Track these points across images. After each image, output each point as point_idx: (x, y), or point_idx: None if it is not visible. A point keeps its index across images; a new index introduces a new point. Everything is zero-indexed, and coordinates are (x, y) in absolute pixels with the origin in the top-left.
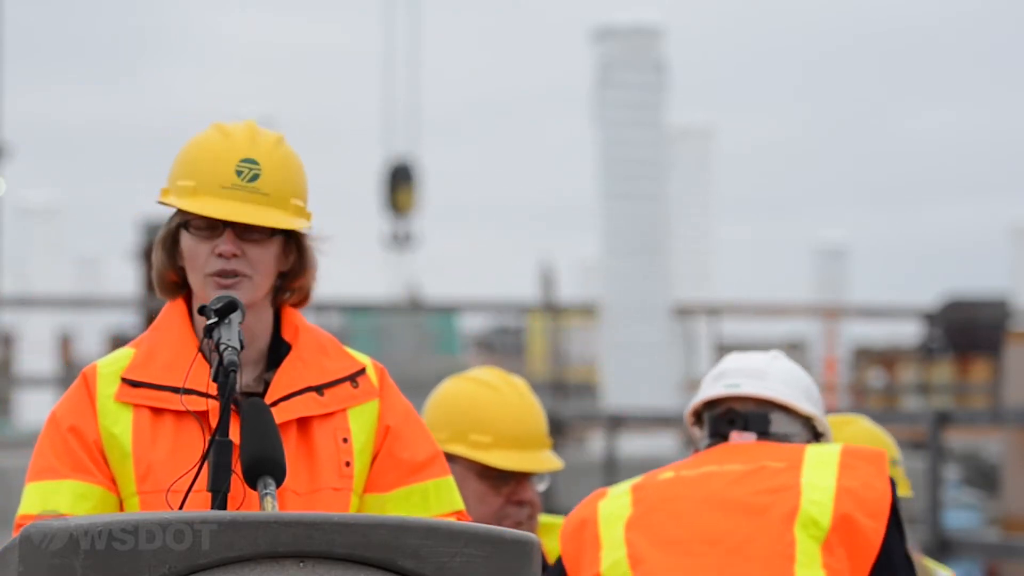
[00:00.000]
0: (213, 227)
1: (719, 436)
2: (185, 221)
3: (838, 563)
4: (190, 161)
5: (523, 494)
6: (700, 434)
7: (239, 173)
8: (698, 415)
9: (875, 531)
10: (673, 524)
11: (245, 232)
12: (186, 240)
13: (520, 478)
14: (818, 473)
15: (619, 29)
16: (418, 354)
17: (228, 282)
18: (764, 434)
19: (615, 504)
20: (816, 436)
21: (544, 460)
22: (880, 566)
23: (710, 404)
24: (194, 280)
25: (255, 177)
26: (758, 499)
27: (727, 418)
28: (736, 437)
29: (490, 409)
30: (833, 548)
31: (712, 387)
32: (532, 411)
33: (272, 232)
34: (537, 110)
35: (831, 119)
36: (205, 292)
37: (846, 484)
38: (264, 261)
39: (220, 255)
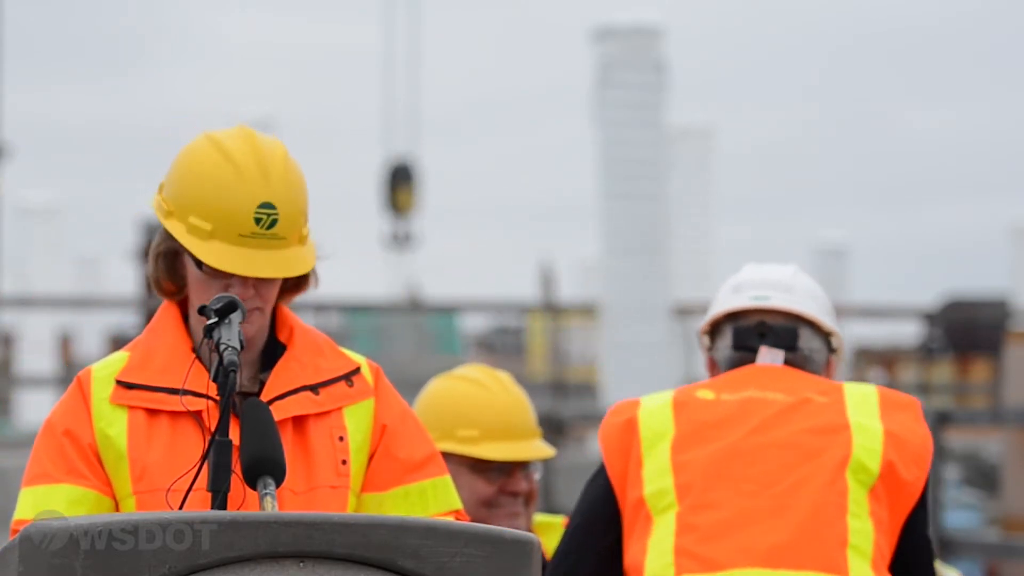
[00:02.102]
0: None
1: (746, 349)
2: (193, 255)
3: (883, 511)
4: (203, 199)
5: (516, 485)
6: (715, 346)
7: (258, 220)
8: (715, 326)
9: (917, 479)
10: (723, 456)
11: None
12: (193, 270)
13: (512, 469)
14: (863, 414)
15: (619, 29)
16: (418, 354)
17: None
18: (792, 349)
19: (656, 420)
20: (831, 351)
21: (534, 449)
22: (916, 517)
23: (734, 315)
24: (198, 301)
25: (274, 223)
26: (812, 440)
27: (758, 331)
28: (765, 353)
29: (475, 403)
30: (879, 496)
31: (735, 298)
32: (517, 402)
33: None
34: (537, 110)
35: (831, 119)
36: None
37: (891, 428)
38: (273, 292)
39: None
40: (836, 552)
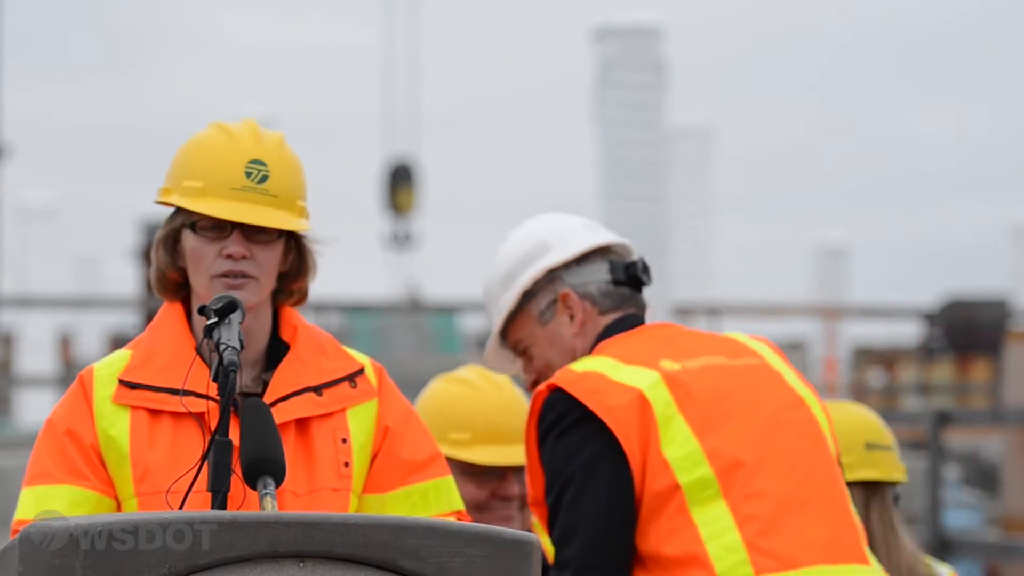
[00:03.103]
0: (220, 228)
1: (627, 285)
2: (190, 222)
3: None
4: (196, 161)
5: (508, 489)
6: (565, 279)
7: (248, 174)
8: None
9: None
10: (749, 438)
11: (253, 234)
12: (191, 240)
13: (505, 473)
14: (793, 379)
15: (619, 29)
16: (418, 354)
17: (236, 283)
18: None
19: (660, 397)
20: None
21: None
22: None
23: (604, 250)
24: (198, 281)
25: (264, 178)
26: (796, 415)
27: (643, 266)
28: (653, 312)
29: (467, 406)
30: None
31: (592, 235)
32: (511, 406)
33: (278, 234)
34: (537, 110)
35: (831, 119)
36: (210, 293)
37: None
38: (270, 262)
39: (229, 256)
40: (862, 542)
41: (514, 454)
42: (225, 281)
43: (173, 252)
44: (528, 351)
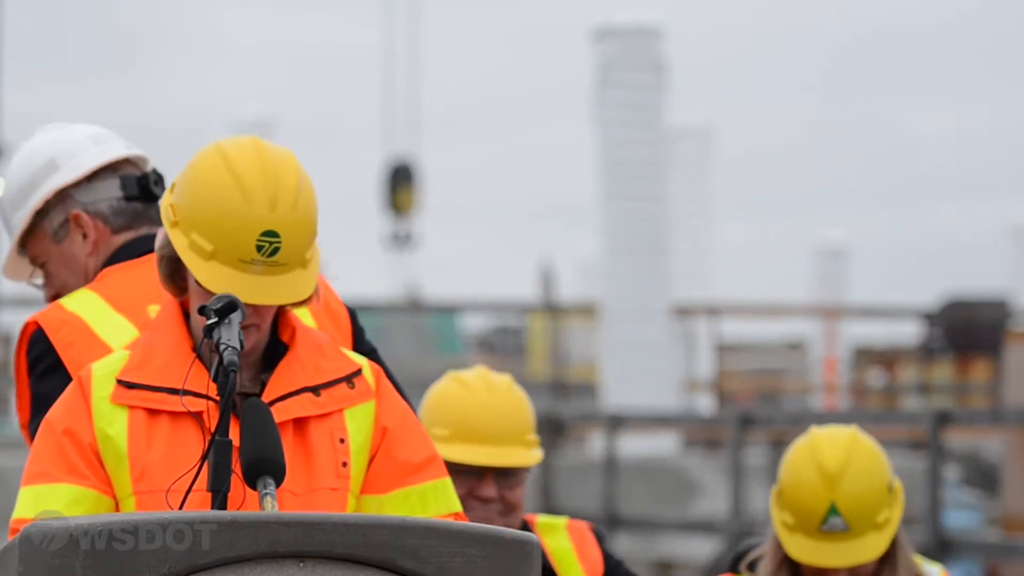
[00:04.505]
0: None
1: (144, 199)
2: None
3: None
4: (207, 221)
5: (484, 490)
6: (78, 199)
7: (259, 248)
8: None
9: None
10: None
11: None
12: (194, 282)
13: (485, 474)
14: None
15: (619, 29)
16: (418, 354)
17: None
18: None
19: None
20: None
21: (503, 455)
22: None
23: (117, 164)
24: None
25: (275, 251)
26: None
27: (156, 177)
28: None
29: (452, 404)
30: None
31: (101, 152)
32: (502, 407)
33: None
34: (537, 110)
35: (832, 119)
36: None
37: None
38: (271, 312)
39: None
40: None
41: (490, 455)
42: None
43: (172, 272)
44: (45, 267)
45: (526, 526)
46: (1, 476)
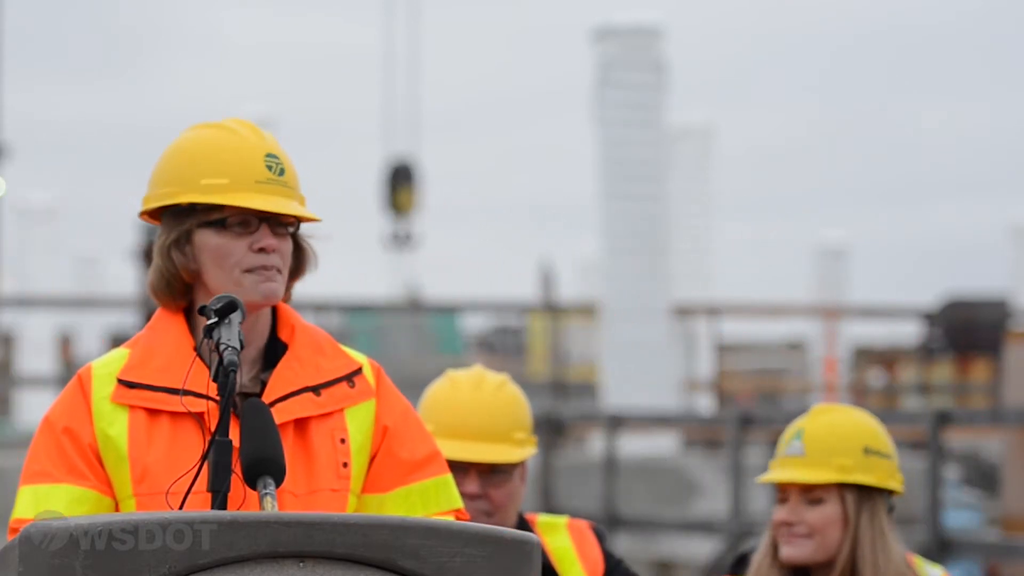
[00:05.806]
0: (247, 223)
1: None
2: (212, 220)
3: None
4: (212, 160)
5: (465, 486)
6: None
7: (269, 167)
8: None
9: None
10: None
11: (275, 227)
12: (213, 238)
13: (468, 470)
14: None
15: (619, 29)
16: (418, 354)
17: (270, 275)
18: None
19: None
20: None
21: (486, 452)
22: None
23: None
24: (221, 278)
25: (282, 171)
26: None
27: None
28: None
29: (440, 401)
30: None
31: None
32: (486, 404)
33: (292, 227)
34: (537, 110)
35: (832, 119)
36: (236, 289)
37: None
38: (288, 255)
39: (261, 249)
40: None
41: (469, 450)
42: (261, 273)
43: (185, 254)
44: None
45: (526, 525)
46: (1, 476)
